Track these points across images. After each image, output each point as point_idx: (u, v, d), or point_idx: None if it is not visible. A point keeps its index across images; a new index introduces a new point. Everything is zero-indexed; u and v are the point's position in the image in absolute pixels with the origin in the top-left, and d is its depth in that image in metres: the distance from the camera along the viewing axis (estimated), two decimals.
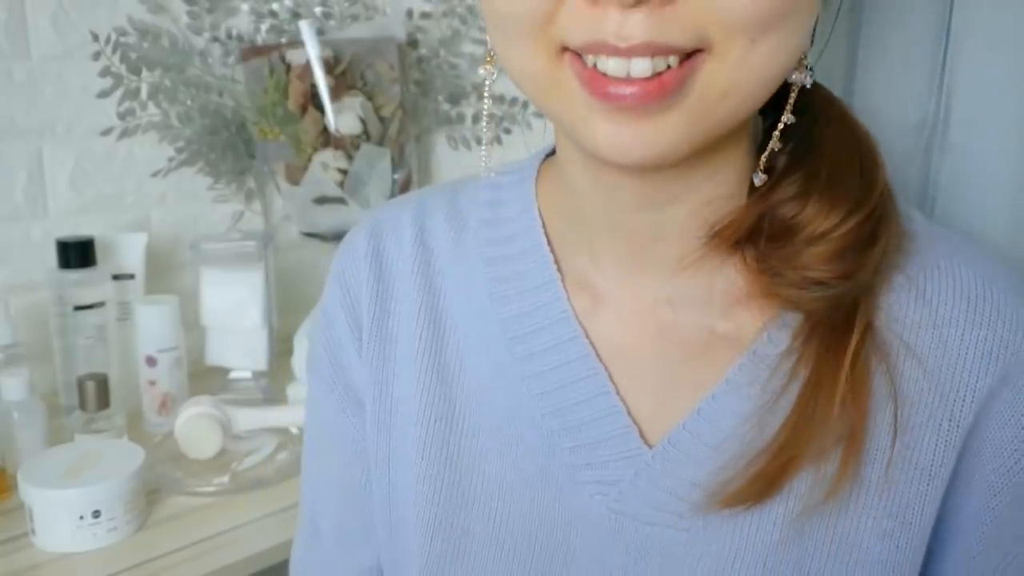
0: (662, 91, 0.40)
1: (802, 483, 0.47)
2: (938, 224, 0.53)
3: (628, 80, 0.40)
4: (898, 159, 0.66)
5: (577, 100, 0.42)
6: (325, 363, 0.60)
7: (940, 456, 0.47)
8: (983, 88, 0.63)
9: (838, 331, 0.47)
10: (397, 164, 1.20)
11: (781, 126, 0.47)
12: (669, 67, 0.40)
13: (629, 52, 0.39)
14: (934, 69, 0.65)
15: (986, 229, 0.65)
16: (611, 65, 0.40)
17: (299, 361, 1.12)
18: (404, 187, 1.22)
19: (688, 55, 0.40)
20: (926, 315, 0.48)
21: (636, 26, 0.38)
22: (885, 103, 0.68)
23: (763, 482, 0.47)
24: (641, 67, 0.39)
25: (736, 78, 0.40)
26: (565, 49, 0.41)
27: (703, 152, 0.45)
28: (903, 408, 0.47)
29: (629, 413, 0.51)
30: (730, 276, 0.49)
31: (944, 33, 0.64)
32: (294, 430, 1.03)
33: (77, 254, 1.04)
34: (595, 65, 0.40)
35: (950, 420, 0.47)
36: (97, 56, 1.16)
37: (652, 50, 0.39)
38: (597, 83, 0.40)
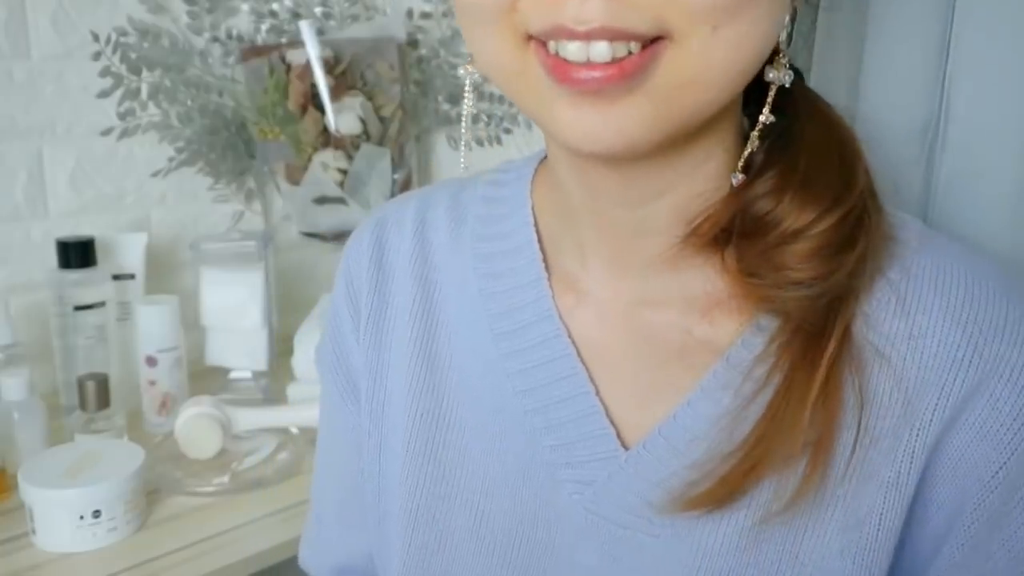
0: (622, 75, 0.39)
1: (767, 489, 0.46)
2: (936, 228, 0.52)
3: (588, 64, 0.40)
4: (905, 162, 0.66)
5: (542, 87, 0.42)
6: (330, 352, 0.61)
7: (899, 467, 0.46)
8: (985, 86, 0.63)
9: (815, 336, 0.46)
10: (397, 164, 1.20)
11: (760, 125, 0.47)
12: (630, 53, 0.40)
13: (588, 36, 0.39)
14: (939, 70, 0.65)
15: (987, 227, 0.64)
16: (571, 49, 0.40)
17: (299, 361, 1.12)
18: (404, 187, 1.22)
19: (650, 42, 0.40)
20: (903, 326, 0.46)
21: (594, 9, 0.38)
22: (892, 107, 0.67)
23: (727, 486, 0.46)
24: (599, 51, 0.39)
25: (699, 66, 0.40)
26: (530, 37, 0.42)
27: (680, 145, 0.45)
28: (868, 417, 0.46)
29: (608, 414, 0.50)
30: (710, 277, 0.49)
31: (947, 30, 0.64)
32: (294, 430, 1.03)
33: (77, 254, 1.04)
34: (557, 51, 0.41)
35: (911, 431, 0.46)
36: (97, 56, 1.16)
37: (610, 34, 0.39)
38: (559, 69, 0.40)
